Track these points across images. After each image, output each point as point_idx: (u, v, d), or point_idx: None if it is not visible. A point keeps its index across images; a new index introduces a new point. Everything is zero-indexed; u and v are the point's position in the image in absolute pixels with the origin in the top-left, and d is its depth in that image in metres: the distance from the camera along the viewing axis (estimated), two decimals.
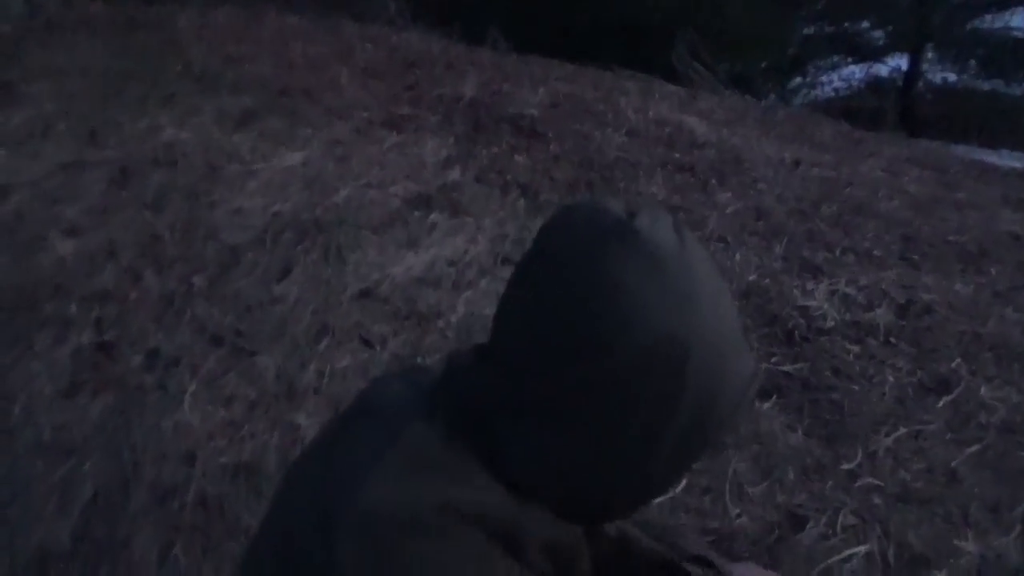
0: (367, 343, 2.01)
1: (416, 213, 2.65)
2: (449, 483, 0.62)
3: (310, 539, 0.62)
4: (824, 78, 11.16)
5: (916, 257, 2.65)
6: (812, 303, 2.28)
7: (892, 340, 2.14)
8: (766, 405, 1.85)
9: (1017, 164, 4.53)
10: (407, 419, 0.67)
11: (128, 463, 1.66)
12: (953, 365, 2.03)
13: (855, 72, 11.06)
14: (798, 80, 11.00)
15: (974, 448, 1.72)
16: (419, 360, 1.93)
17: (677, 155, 3.43)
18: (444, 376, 0.71)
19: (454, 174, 2.98)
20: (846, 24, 10.84)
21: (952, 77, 10.56)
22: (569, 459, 0.64)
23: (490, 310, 2.17)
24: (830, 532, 1.48)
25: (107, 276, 2.28)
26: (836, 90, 10.96)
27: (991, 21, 10.31)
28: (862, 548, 1.44)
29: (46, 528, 1.52)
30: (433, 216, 2.64)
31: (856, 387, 1.93)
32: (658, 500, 1.56)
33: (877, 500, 1.56)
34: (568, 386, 0.62)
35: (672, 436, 0.64)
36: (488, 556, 0.61)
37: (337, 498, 0.63)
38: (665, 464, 0.66)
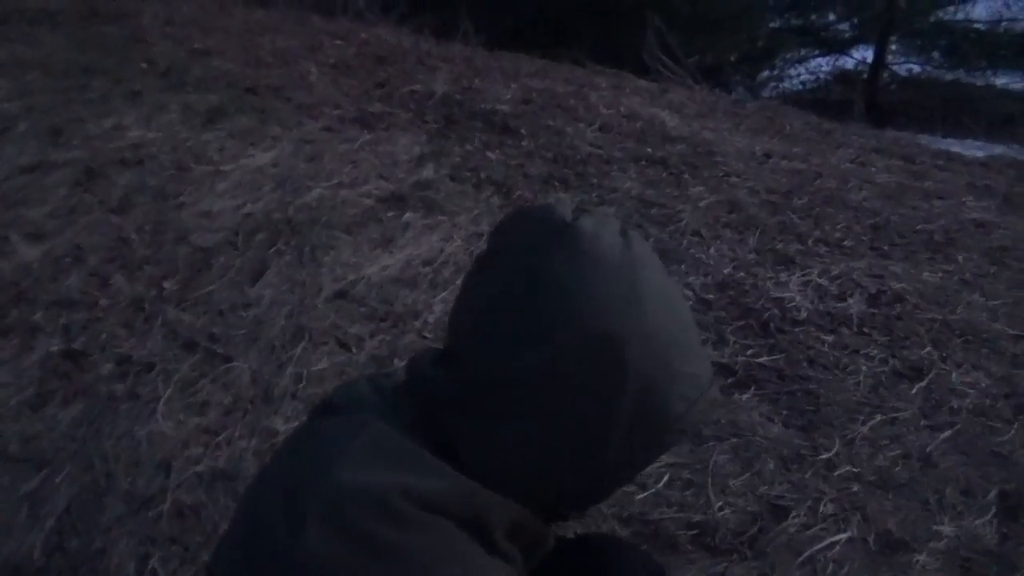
0: (344, 345, 1.99)
1: (390, 212, 2.63)
2: (411, 472, 0.63)
3: (276, 525, 0.62)
4: (792, 71, 11.32)
5: (886, 247, 2.69)
6: (786, 294, 2.30)
7: (865, 329, 2.17)
8: (744, 396, 1.87)
9: (980, 153, 4.62)
10: (369, 416, 0.69)
11: (101, 473, 1.62)
12: (924, 352, 2.06)
13: (822, 64, 11.24)
14: (766, 73, 11.13)
15: (947, 433, 1.75)
16: (396, 361, 1.91)
17: (649, 149, 3.44)
18: (406, 378, 0.74)
19: (427, 172, 2.96)
20: (813, 16, 10.99)
21: (916, 68, 10.76)
22: (518, 451, 0.66)
23: None
24: (811, 521, 1.49)
25: (74, 281, 2.22)
26: (804, 82, 11.12)
27: (954, 12, 10.52)
28: (843, 535, 1.46)
29: (17, 541, 1.47)
30: (407, 215, 2.61)
31: (831, 376, 1.95)
32: (640, 495, 1.57)
33: (856, 487, 1.58)
34: (511, 378, 0.65)
35: (619, 429, 0.66)
36: (457, 544, 0.61)
37: (303, 486, 0.63)
38: (615, 457, 0.68)
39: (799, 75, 11.27)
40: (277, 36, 4.57)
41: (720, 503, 1.55)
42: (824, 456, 1.67)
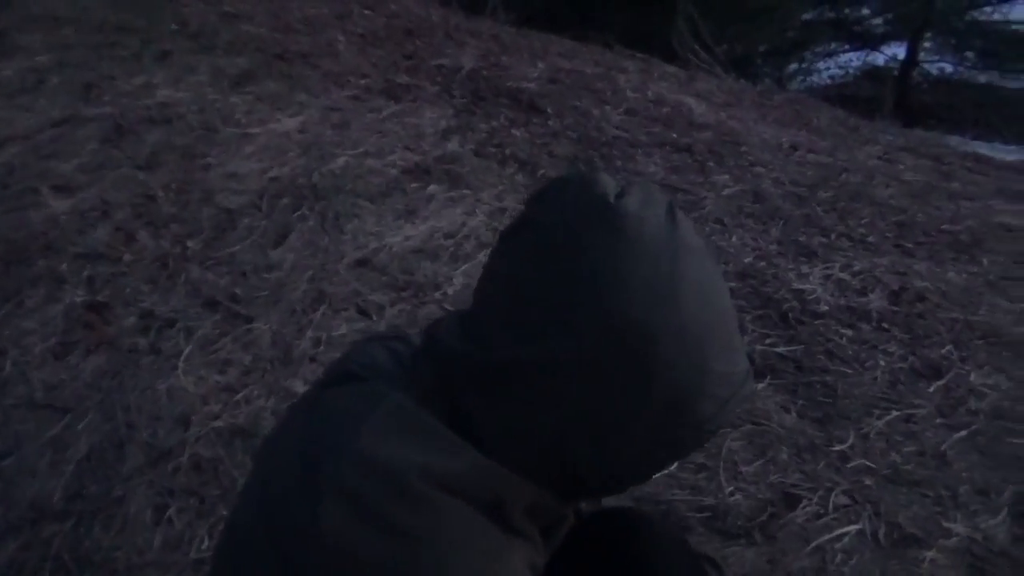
0: (364, 312, 2.00)
1: (414, 184, 2.63)
2: (429, 450, 0.61)
3: (293, 497, 0.61)
4: (821, 64, 11.15)
5: (910, 245, 2.66)
6: (807, 287, 2.29)
7: (885, 325, 2.16)
8: (760, 385, 1.87)
9: (1010, 156, 4.56)
10: (385, 386, 0.67)
11: (122, 424, 1.65)
12: (944, 351, 2.05)
13: (852, 59, 11.06)
14: (794, 66, 10.98)
15: (963, 432, 1.74)
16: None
17: (675, 135, 3.41)
18: (423, 344, 0.71)
19: (452, 146, 2.96)
20: (847, 10, 10.80)
21: (949, 68, 10.57)
22: (536, 437, 0.64)
23: None
24: (822, 511, 1.50)
25: (100, 235, 2.24)
26: (832, 77, 10.95)
27: (991, 13, 10.31)
28: (853, 527, 1.46)
29: (40, 484, 1.50)
30: (431, 187, 2.61)
31: (849, 370, 1.95)
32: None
33: (868, 481, 1.58)
34: (536, 364, 0.62)
35: (643, 427, 0.63)
36: (474, 527, 0.60)
37: (319, 457, 0.62)
38: (636, 454, 0.65)
39: (828, 69, 11.10)
40: (306, 3, 4.56)
41: (732, 488, 1.55)
42: (838, 448, 1.67)
